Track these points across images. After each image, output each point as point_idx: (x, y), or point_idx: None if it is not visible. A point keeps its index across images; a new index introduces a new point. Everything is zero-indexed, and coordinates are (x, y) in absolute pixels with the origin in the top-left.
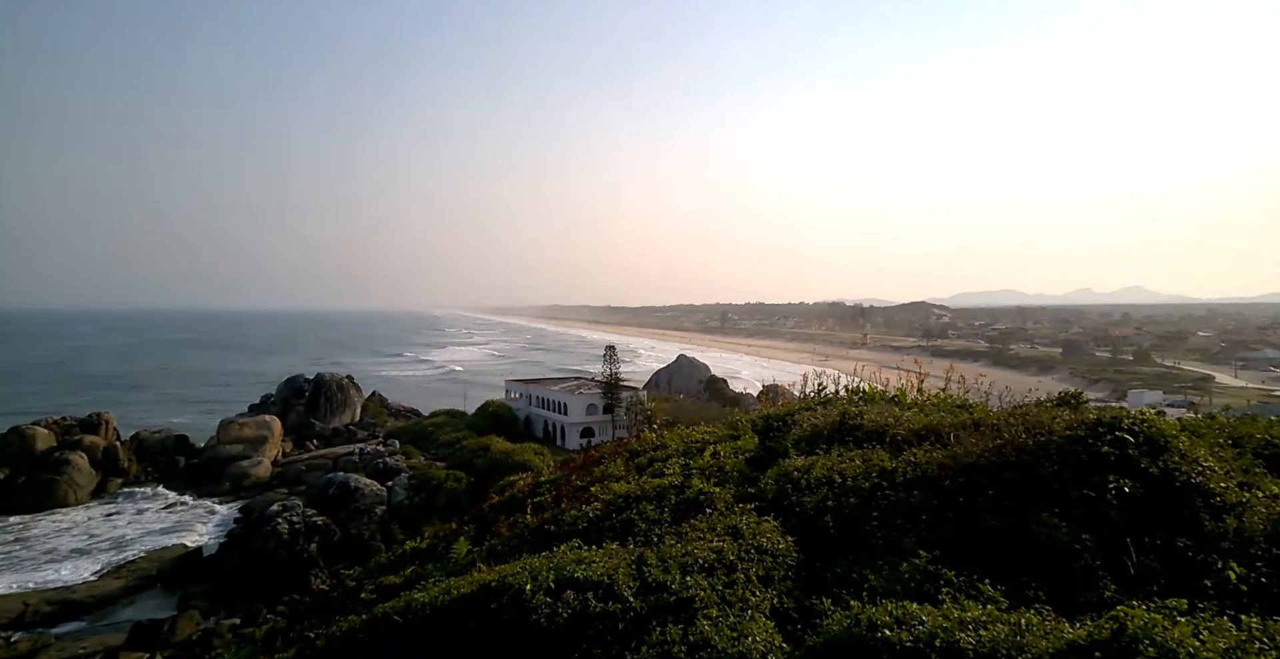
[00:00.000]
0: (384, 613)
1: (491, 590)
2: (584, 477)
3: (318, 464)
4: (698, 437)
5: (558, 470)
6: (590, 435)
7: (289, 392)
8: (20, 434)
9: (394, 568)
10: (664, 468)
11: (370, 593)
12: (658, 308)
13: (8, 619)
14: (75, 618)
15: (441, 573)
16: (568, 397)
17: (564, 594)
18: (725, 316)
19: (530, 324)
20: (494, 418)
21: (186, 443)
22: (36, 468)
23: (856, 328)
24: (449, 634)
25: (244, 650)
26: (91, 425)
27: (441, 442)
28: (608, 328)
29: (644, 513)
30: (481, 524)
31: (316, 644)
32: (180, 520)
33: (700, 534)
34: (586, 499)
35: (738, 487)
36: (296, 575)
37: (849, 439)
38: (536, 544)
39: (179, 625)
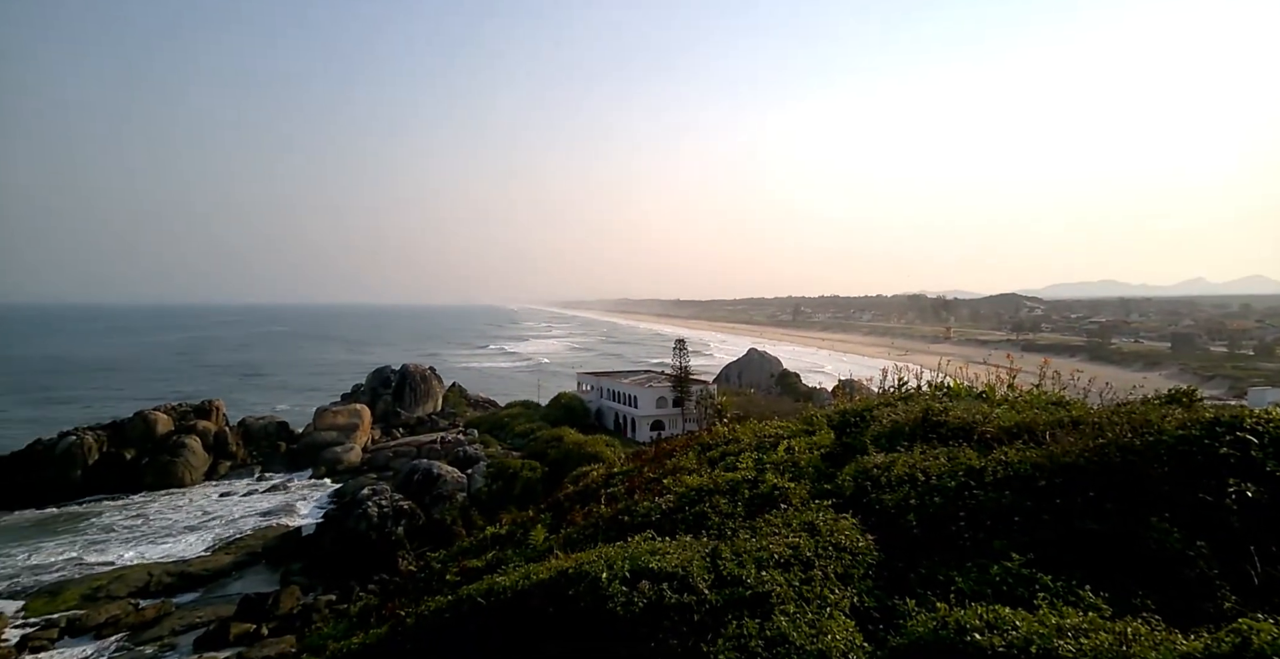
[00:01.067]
0: (469, 595)
1: (569, 577)
2: (656, 469)
3: (403, 451)
4: (771, 431)
5: (629, 462)
6: (660, 428)
7: (377, 382)
8: (144, 418)
9: (476, 552)
10: (736, 462)
11: (455, 575)
12: (727, 301)
13: (135, 588)
14: (192, 589)
15: (521, 558)
16: (638, 389)
17: (639, 584)
18: (797, 310)
19: (602, 317)
20: (566, 410)
21: (287, 429)
22: (157, 450)
23: (939, 321)
24: (529, 617)
25: (341, 625)
26: (204, 412)
27: (517, 432)
28: (677, 321)
29: (717, 506)
30: (557, 513)
31: (407, 622)
32: (282, 501)
33: (775, 529)
34: (659, 491)
35: (813, 483)
36: (385, 556)
37: (932, 436)
38: (611, 534)
39: (282, 599)
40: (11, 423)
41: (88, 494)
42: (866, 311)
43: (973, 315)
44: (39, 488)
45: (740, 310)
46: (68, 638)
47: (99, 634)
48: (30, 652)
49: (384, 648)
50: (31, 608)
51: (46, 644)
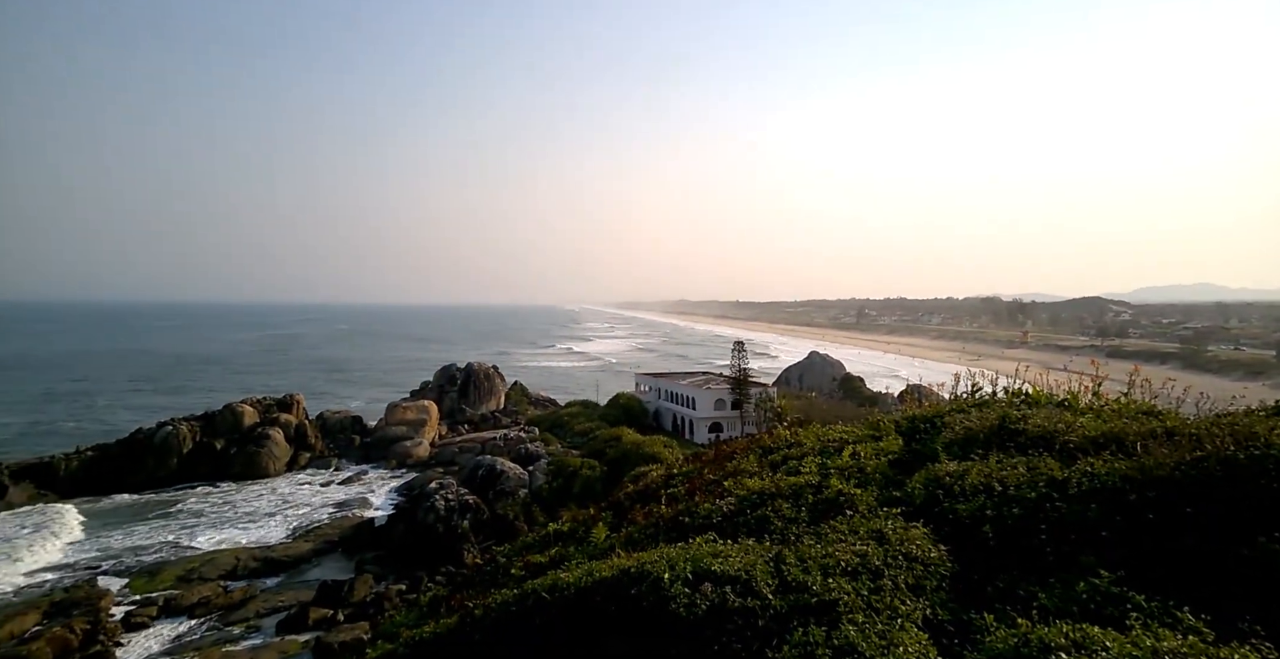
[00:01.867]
0: (533, 589)
1: (631, 576)
2: (716, 471)
3: (468, 447)
4: (835, 436)
5: (688, 464)
6: (718, 430)
7: (444, 379)
8: (232, 411)
9: (539, 548)
10: (799, 466)
11: (519, 569)
12: (788, 303)
13: (224, 571)
14: (274, 573)
15: (583, 556)
16: (696, 391)
17: (701, 586)
18: (862, 312)
19: (660, 319)
20: (624, 410)
21: (360, 423)
22: (244, 441)
23: (1014, 325)
24: (592, 614)
25: (411, 614)
26: (286, 405)
27: (576, 431)
28: (736, 323)
29: (779, 511)
30: (618, 512)
31: (475, 613)
32: (356, 493)
33: (841, 536)
34: (720, 493)
35: (881, 490)
36: (451, 548)
37: (1010, 445)
38: (671, 534)
39: (356, 587)
40: (132, 410)
41: (182, 481)
42: (935, 315)
43: (1052, 320)
44: (140, 474)
45: (801, 312)
46: (164, 617)
47: (192, 614)
48: (132, 628)
49: (454, 638)
50: (133, 586)
51: (146, 621)
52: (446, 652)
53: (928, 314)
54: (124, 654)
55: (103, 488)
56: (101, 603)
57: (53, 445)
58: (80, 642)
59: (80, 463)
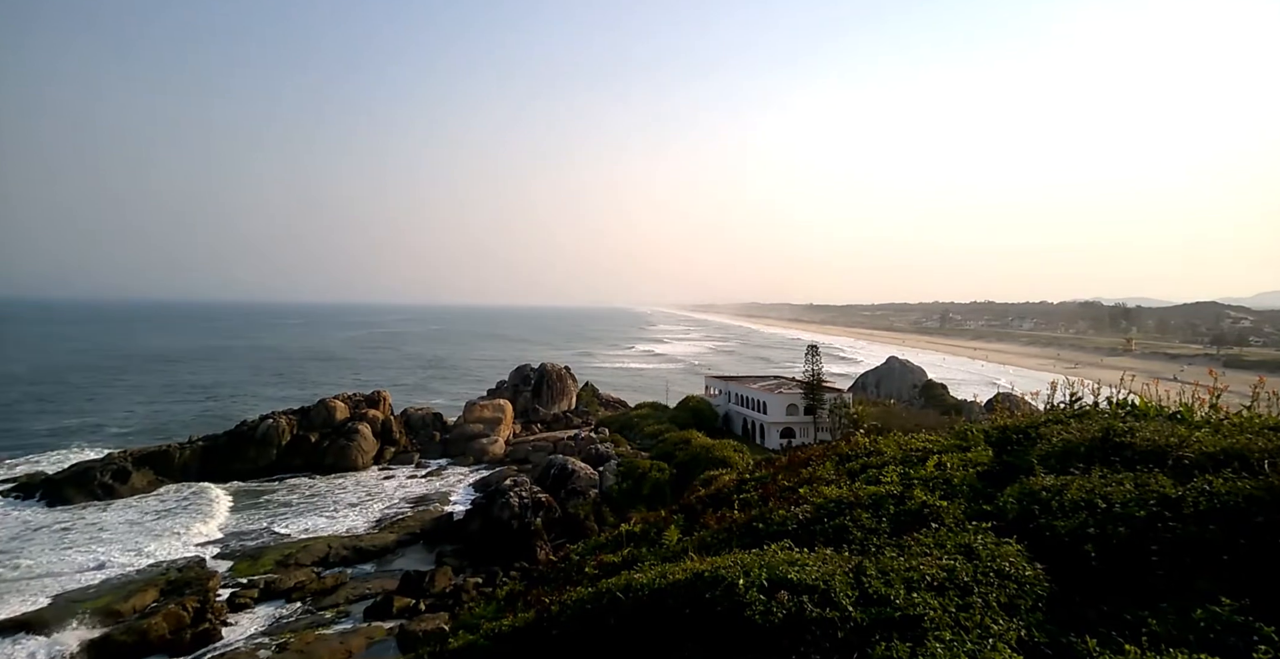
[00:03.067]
0: (608, 589)
1: (705, 580)
2: (791, 477)
3: (541, 446)
4: (918, 445)
5: (761, 469)
6: (790, 436)
7: (518, 379)
8: (326, 406)
9: (612, 548)
10: (880, 475)
11: (593, 568)
12: (865, 307)
13: (318, 557)
14: (362, 562)
15: (655, 558)
16: (767, 395)
17: (777, 594)
18: (945, 316)
19: (731, 321)
20: (694, 413)
21: (441, 420)
22: (335, 434)
23: (1117, 331)
24: (666, 616)
25: (490, 607)
26: (373, 401)
27: (645, 432)
28: (811, 327)
29: (859, 520)
30: (689, 515)
31: (552, 609)
32: (437, 487)
33: (926, 549)
34: (795, 500)
35: (969, 503)
36: (524, 544)
37: (1114, 459)
38: (745, 540)
39: (436, 578)
40: (251, 400)
41: (280, 471)
42: (1027, 319)
43: (1159, 326)
44: (244, 464)
45: (880, 316)
46: (265, 599)
47: (289, 597)
48: (236, 609)
49: (531, 632)
50: (237, 569)
51: (249, 603)
52: (525, 645)
53: (1018, 319)
54: (229, 633)
55: (212, 476)
56: (210, 583)
57: (175, 433)
58: (191, 619)
59: (193, 452)
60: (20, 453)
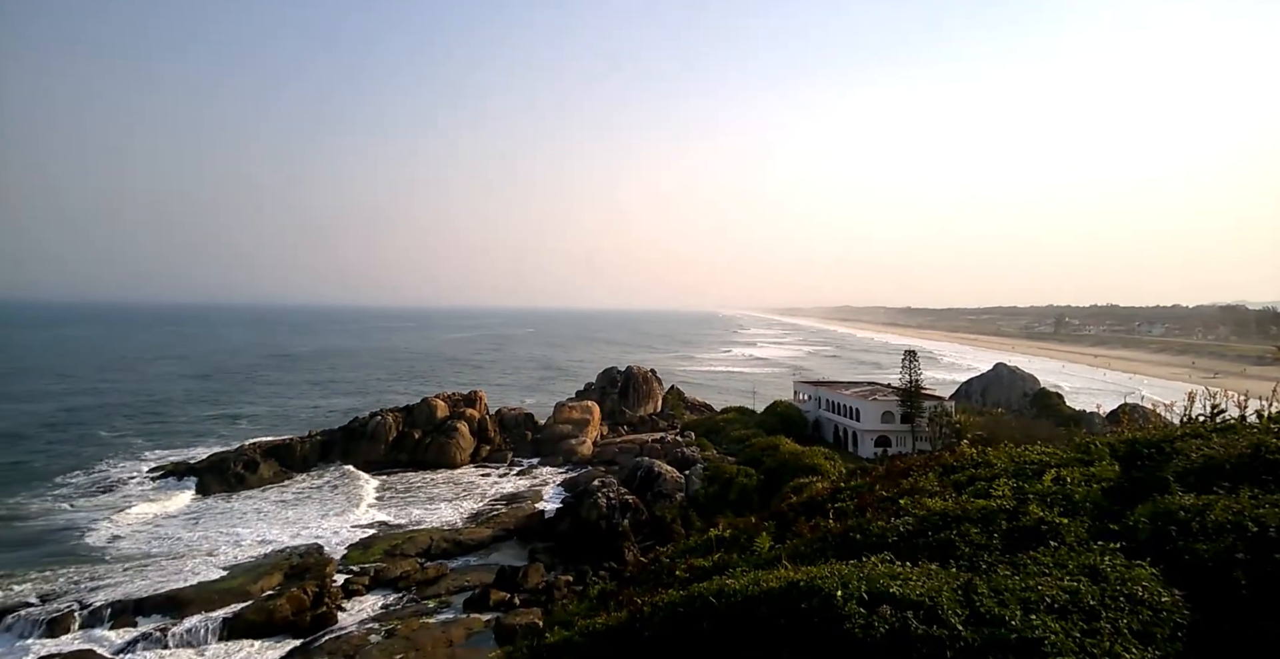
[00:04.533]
0: (700, 593)
1: (800, 590)
2: (889, 488)
3: (627, 448)
4: (1033, 457)
5: (856, 478)
6: (885, 444)
7: (605, 381)
8: (428, 404)
9: (702, 552)
10: (989, 488)
11: (684, 572)
12: (969, 310)
13: (421, 549)
14: (461, 555)
15: (746, 564)
16: (861, 402)
17: (879, 608)
18: (1061, 321)
19: (821, 325)
20: (782, 418)
21: (532, 420)
22: (436, 432)
23: (1266, 338)
24: (759, 624)
25: (583, 605)
26: (471, 401)
27: (732, 437)
28: (907, 331)
29: (967, 535)
30: (781, 522)
31: (644, 610)
32: (529, 485)
33: (1044, 569)
34: (894, 512)
35: (1093, 521)
36: (611, 544)
37: (1266, 478)
38: (841, 551)
39: (529, 574)
40: (373, 394)
41: (388, 465)
42: (1156, 324)
43: None
44: (356, 457)
45: (985, 320)
46: (375, 587)
47: (395, 586)
48: (350, 595)
49: (624, 632)
50: (350, 557)
51: (360, 589)
52: (618, 644)
53: (1146, 323)
54: (344, 617)
55: (327, 467)
56: (326, 569)
57: (298, 427)
58: (311, 602)
59: (312, 446)
60: (170, 443)
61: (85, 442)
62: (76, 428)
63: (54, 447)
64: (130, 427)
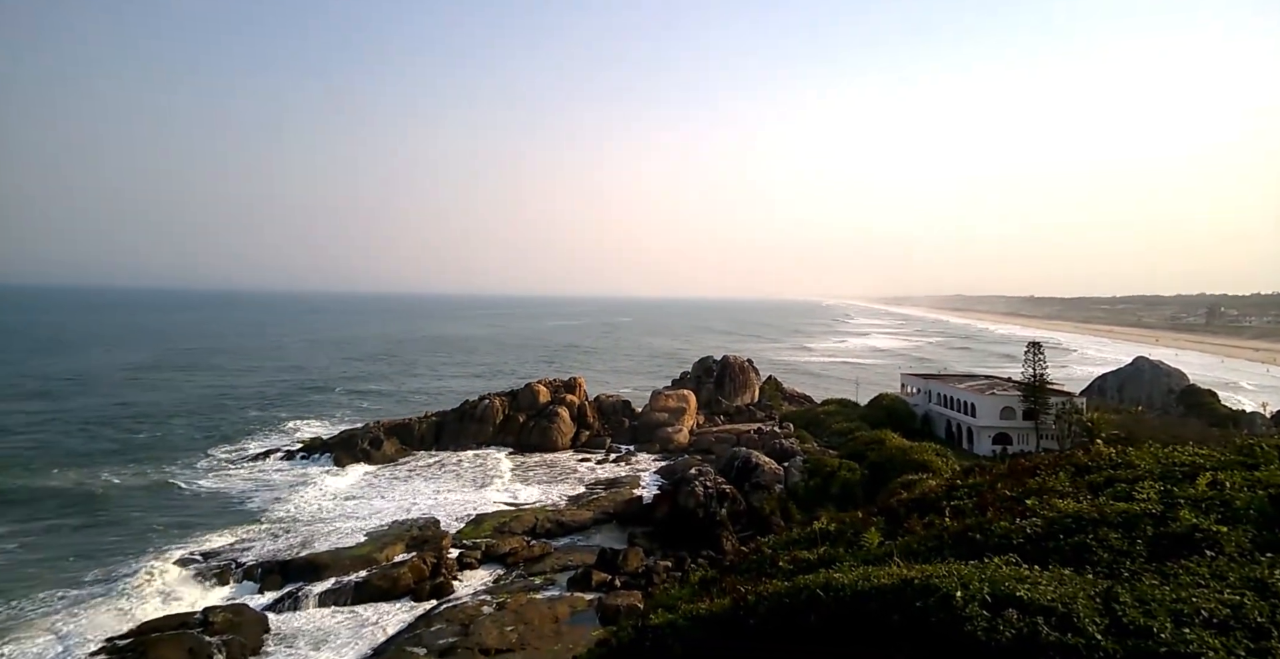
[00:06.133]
0: (805, 585)
1: (915, 588)
2: (1013, 487)
3: (724, 437)
4: (1183, 459)
5: (974, 475)
6: (1005, 442)
7: (701, 370)
8: (531, 389)
9: (806, 544)
10: (1132, 491)
11: (787, 563)
12: (1103, 299)
13: (527, 527)
14: (564, 535)
15: (854, 559)
16: (977, 397)
17: (1005, 611)
18: (1215, 311)
19: (932, 315)
20: (888, 412)
21: (630, 407)
22: (539, 416)
23: None
24: (870, 620)
25: (684, 590)
26: (571, 387)
27: (833, 430)
28: (1032, 321)
29: (1105, 540)
30: (890, 518)
31: (748, 599)
32: (626, 471)
33: (1199, 580)
34: (1020, 512)
35: (1258, 530)
36: (708, 533)
37: None
38: (959, 550)
39: (629, 558)
40: (480, 379)
41: (494, 445)
42: None
43: None
44: (466, 437)
45: (1123, 310)
46: (486, 561)
47: (504, 561)
48: (463, 567)
49: (729, 618)
50: (463, 532)
51: (473, 563)
52: (722, 630)
53: None
54: (459, 588)
55: (442, 446)
56: (443, 542)
57: (413, 408)
58: (429, 572)
59: (428, 425)
60: (309, 417)
61: (240, 418)
62: (234, 404)
63: (215, 421)
64: (281, 404)
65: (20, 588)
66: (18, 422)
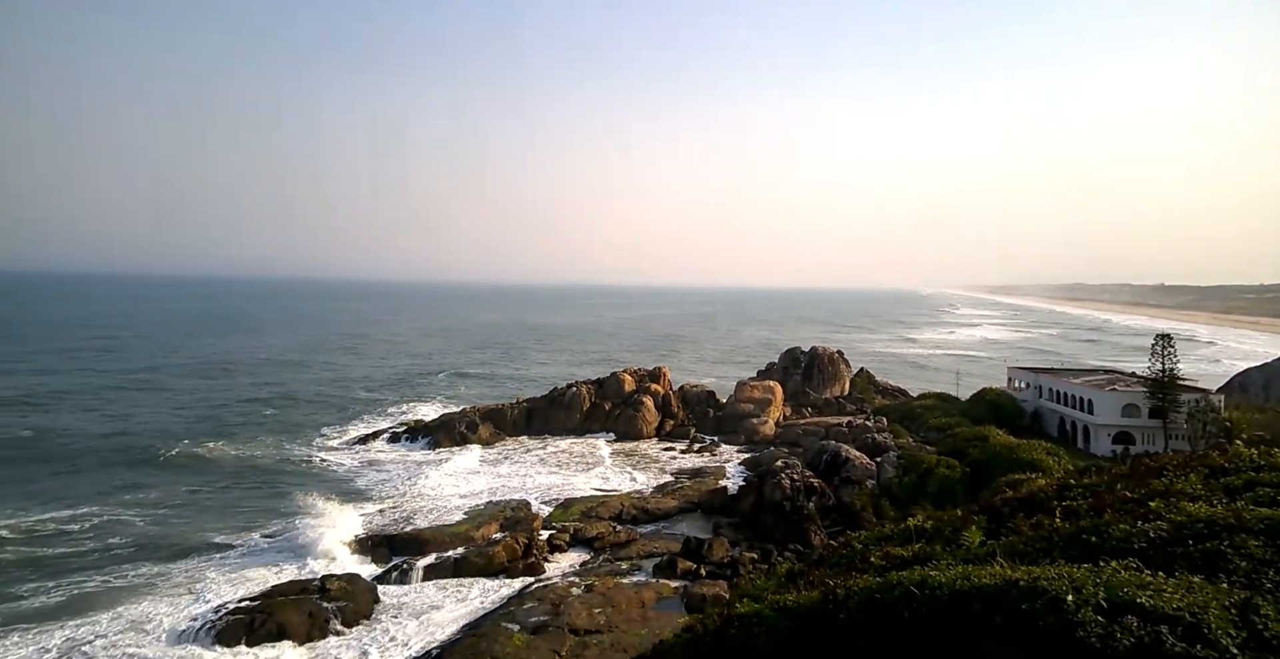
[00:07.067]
0: (899, 581)
1: (1021, 590)
2: (1135, 488)
3: (811, 430)
4: None
5: (1090, 476)
6: (1127, 442)
7: (788, 361)
8: (617, 378)
9: (899, 541)
10: (1276, 496)
11: (879, 559)
12: (1249, 288)
13: (613, 513)
14: (649, 522)
15: (952, 558)
16: (1095, 392)
17: (1123, 618)
18: None
19: (1044, 305)
20: (992, 407)
21: (714, 397)
22: (624, 404)
23: None
24: (970, 620)
25: (771, 582)
26: (655, 377)
27: (931, 425)
28: (1162, 312)
29: (1243, 548)
30: (993, 517)
31: (838, 592)
32: (710, 461)
33: None
34: (1142, 515)
35: None
36: (795, 526)
37: None
38: (1070, 552)
39: (714, 547)
40: (568, 366)
41: (581, 432)
42: None
43: None
44: (555, 424)
45: (1272, 300)
46: (574, 544)
47: (591, 545)
48: (553, 549)
49: (818, 611)
50: (553, 516)
51: (563, 545)
52: (811, 622)
53: None
54: (550, 568)
55: (533, 431)
56: (534, 524)
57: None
58: (522, 552)
59: (519, 411)
60: (412, 402)
61: (353, 399)
62: (354, 386)
63: (333, 404)
64: (389, 388)
65: (165, 549)
66: (173, 401)
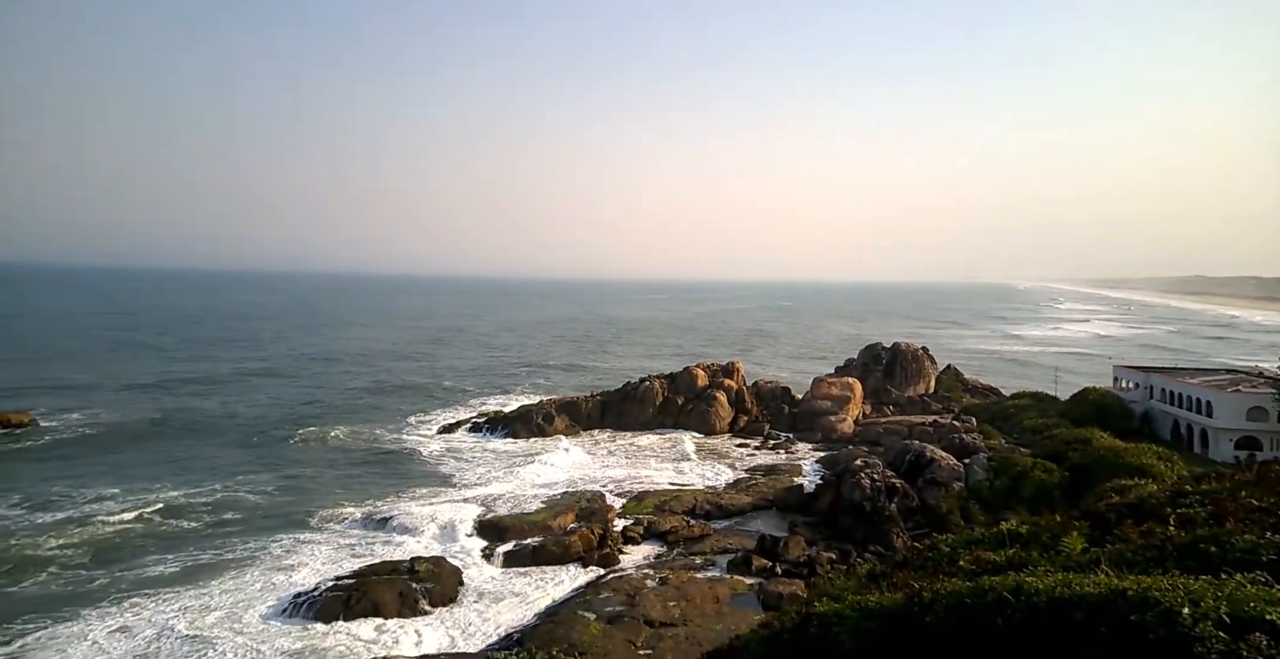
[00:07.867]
0: (991, 586)
1: (1128, 600)
2: (1262, 496)
3: (893, 429)
4: None
5: (1209, 482)
6: (1253, 447)
7: (868, 357)
8: (689, 373)
9: (991, 545)
10: None
11: (969, 563)
12: None
13: (687, 508)
14: (723, 518)
15: (1050, 564)
16: (1215, 394)
17: (1249, 635)
18: None
19: (1159, 300)
20: (1096, 408)
21: (789, 394)
22: (697, 399)
23: None
24: (1070, 629)
25: (850, 582)
26: (729, 372)
27: (1025, 426)
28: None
29: None
30: (1096, 523)
31: (923, 595)
32: (786, 459)
33: None
34: (1272, 525)
35: None
36: (876, 528)
37: None
38: (1185, 563)
39: (790, 546)
40: (639, 359)
41: (654, 426)
42: None
43: None
44: (628, 417)
45: None
46: (648, 537)
47: (665, 539)
48: (627, 540)
49: (902, 613)
50: (627, 508)
51: (636, 537)
52: (894, 624)
53: None
54: (624, 559)
55: (606, 424)
56: (609, 515)
57: (576, 387)
58: (597, 543)
59: (594, 404)
60: (493, 393)
61: (440, 388)
62: (443, 376)
63: (420, 394)
64: (471, 379)
65: (271, 526)
66: (284, 388)
